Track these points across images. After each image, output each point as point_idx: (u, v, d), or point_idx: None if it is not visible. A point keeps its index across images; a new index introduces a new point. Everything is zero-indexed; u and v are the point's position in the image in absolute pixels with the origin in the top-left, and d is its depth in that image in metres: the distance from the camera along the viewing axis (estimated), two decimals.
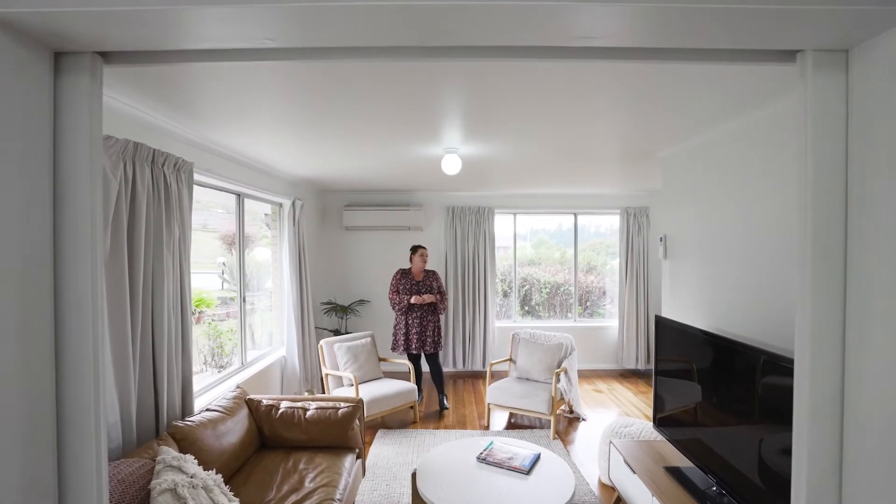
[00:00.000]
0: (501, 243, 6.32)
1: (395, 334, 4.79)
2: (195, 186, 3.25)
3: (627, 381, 5.70)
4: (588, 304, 6.49)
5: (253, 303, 4.54)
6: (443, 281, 5.31)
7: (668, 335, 2.95)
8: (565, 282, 6.46)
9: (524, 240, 6.34)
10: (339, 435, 2.71)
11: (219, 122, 2.75)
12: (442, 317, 5.48)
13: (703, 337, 2.51)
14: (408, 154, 3.61)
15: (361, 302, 6.01)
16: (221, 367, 4.00)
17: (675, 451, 2.75)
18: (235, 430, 2.50)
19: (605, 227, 6.61)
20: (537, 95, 2.28)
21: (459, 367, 6.05)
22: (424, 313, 4.68)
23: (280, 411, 2.76)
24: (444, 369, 5.95)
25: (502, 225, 6.28)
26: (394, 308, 4.74)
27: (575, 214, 6.30)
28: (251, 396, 2.82)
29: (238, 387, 2.87)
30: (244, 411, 2.69)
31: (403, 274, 4.80)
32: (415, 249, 4.82)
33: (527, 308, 6.50)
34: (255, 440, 2.68)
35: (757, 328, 2.42)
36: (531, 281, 6.50)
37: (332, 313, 5.71)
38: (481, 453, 2.83)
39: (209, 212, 4.19)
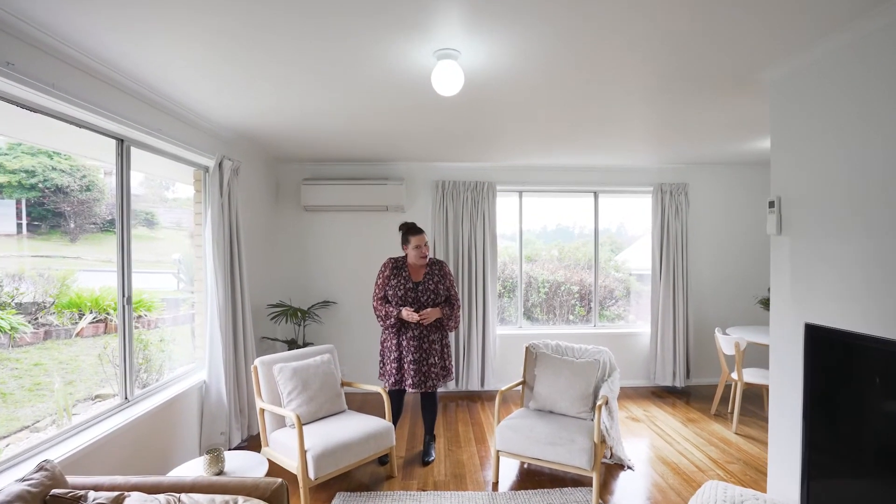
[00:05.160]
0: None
1: (382, 356, 3.26)
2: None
3: (665, 403, 4.46)
4: (591, 305, 5.29)
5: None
6: (453, 277, 3.65)
7: (835, 356, 1.69)
8: (566, 280, 5.27)
9: (511, 240, 5.14)
10: None
11: None
12: (451, 334, 3.72)
13: None
14: (382, 67, 2.30)
15: (325, 304, 4.65)
16: (146, 385, 2.94)
17: None
18: None
19: (589, 228, 5.41)
20: None
21: (451, 386, 4.73)
22: (426, 331, 3.14)
23: None
24: None
25: (501, 211, 4.96)
26: (379, 321, 3.22)
27: (595, 193, 5.04)
28: (58, 491, 1.43)
29: (43, 466, 1.49)
30: None
31: (395, 269, 3.17)
32: (407, 233, 3.16)
33: (521, 310, 5.24)
34: None
35: None
36: (526, 280, 5.26)
37: (281, 319, 4.33)
38: None
39: (184, 210, 3.74)
